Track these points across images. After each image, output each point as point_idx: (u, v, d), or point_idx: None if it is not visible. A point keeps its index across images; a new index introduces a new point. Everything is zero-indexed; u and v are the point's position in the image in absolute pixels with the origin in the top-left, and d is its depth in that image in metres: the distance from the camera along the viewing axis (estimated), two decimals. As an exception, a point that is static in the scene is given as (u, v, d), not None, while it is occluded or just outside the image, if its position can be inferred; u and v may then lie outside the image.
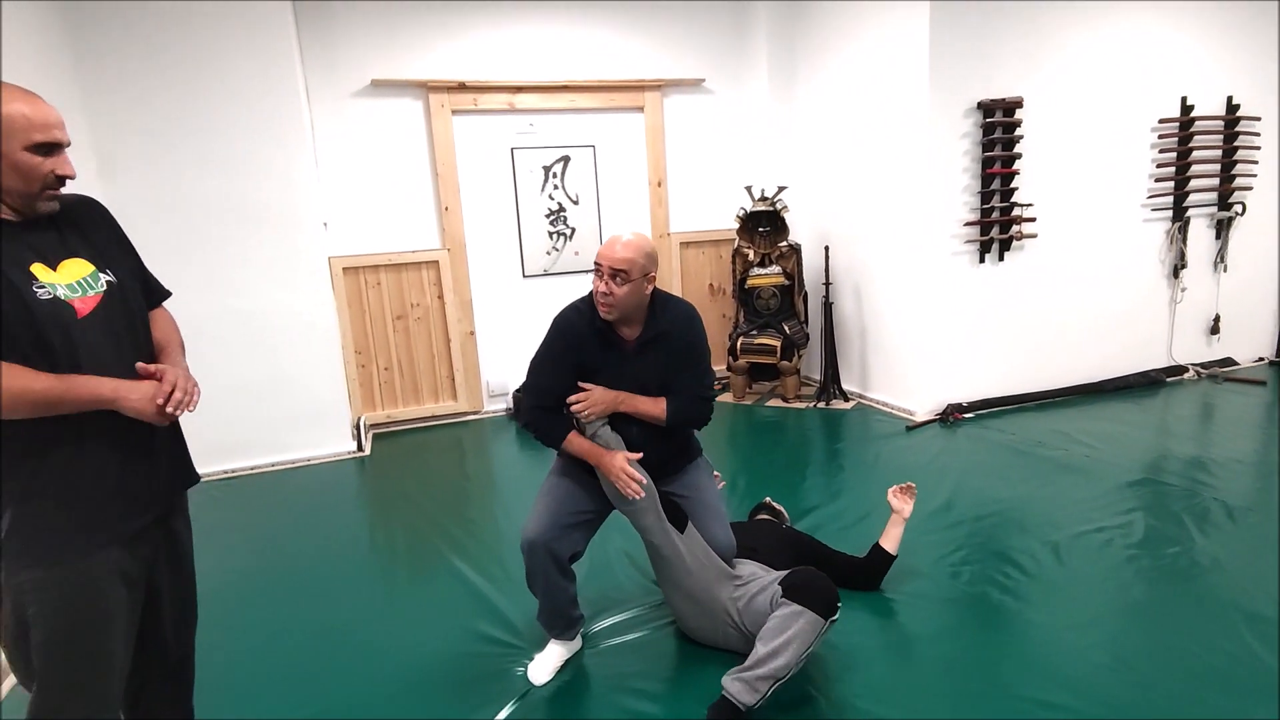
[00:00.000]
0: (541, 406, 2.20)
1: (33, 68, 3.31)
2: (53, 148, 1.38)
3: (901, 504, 2.60)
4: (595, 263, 2.09)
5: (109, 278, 1.48)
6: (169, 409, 1.42)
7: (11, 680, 2.38)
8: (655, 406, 2.20)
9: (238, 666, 2.40)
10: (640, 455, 2.15)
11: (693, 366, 2.25)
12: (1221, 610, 2.39)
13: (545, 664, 2.27)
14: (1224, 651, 2.19)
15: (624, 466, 2.11)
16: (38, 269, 1.37)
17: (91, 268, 1.45)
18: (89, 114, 3.82)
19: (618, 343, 2.18)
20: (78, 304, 1.40)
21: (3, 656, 1.92)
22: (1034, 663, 2.19)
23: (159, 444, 1.53)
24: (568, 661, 2.32)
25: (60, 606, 1.37)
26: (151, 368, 1.47)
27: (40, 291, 1.35)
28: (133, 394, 1.40)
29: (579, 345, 2.16)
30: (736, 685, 1.94)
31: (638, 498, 2.11)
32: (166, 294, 1.69)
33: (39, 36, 3.43)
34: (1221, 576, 2.60)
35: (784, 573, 2.16)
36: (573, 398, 2.15)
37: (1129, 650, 2.22)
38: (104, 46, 3.82)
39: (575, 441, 2.18)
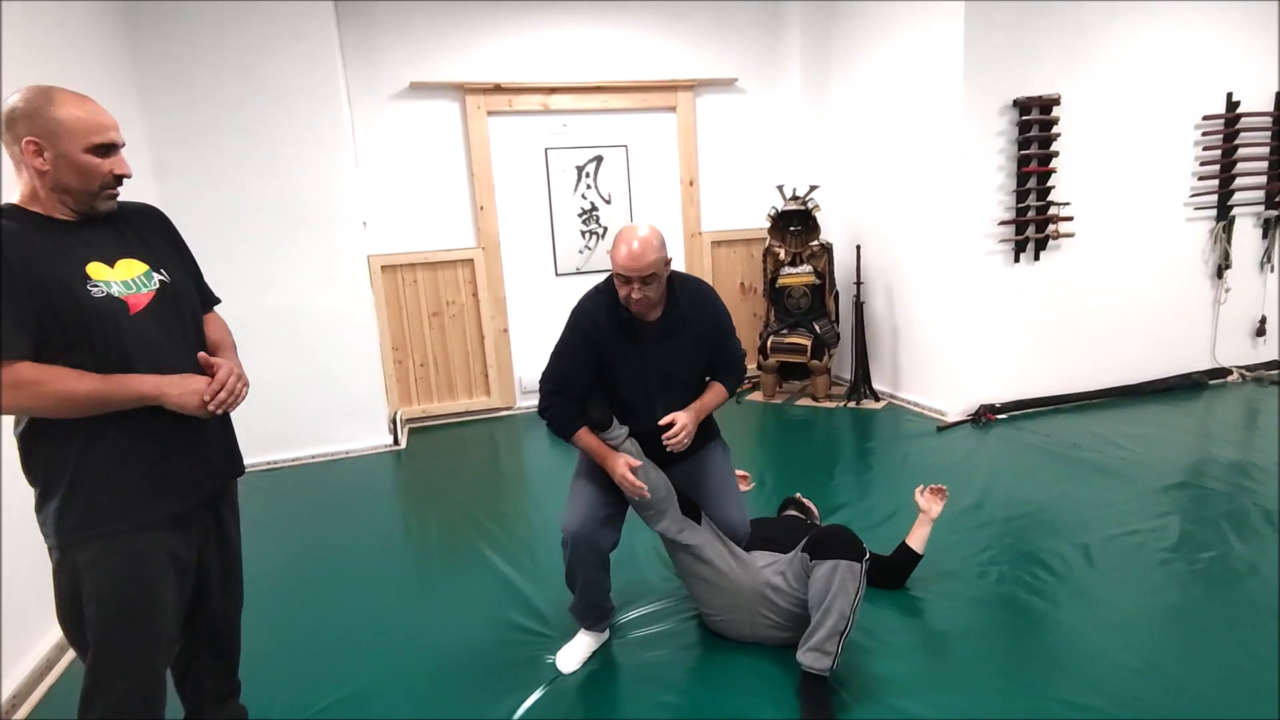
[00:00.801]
0: (559, 393, 2.22)
1: (95, 73, 3.47)
2: (110, 148, 1.46)
3: (929, 504, 2.60)
4: (619, 274, 2.07)
5: (162, 277, 1.56)
6: (212, 407, 1.50)
7: (69, 655, 2.51)
8: (719, 395, 2.32)
9: (279, 647, 2.50)
10: (640, 464, 2.18)
11: (727, 340, 2.33)
12: (1257, 616, 2.36)
13: (574, 653, 2.32)
14: (1258, 657, 2.15)
15: (625, 474, 2.15)
16: (94, 268, 1.45)
17: (145, 267, 1.53)
18: (146, 116, 3.99)
19: (639, 329, 2.19)
20: (130, 300, 1.47)
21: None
22: (1062, 663, 2.18)
23: (210, 432, 1.61)
24: (595, 652, 2.37)
25: (112, 583, 1.45)
26: (213, 361, 1.55)
27: (94, 290, 1.43)
28: (173, 390, 1.46)
29: (598, 336, 2.17)
30: (810, 656, 2.01)
31: (644, 496, 2.17)
32: (217, 300, 1.78)
33: (101, 42, 3.58)
34: (1258, 582, 2.55)
35: (801, 543, 2.20)
36: (667, 436, 2.16)
37: (1160, 653, 2.20)
38: (160, 52, 3.98)
39: (584, 438, 2.21)
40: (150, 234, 1.61)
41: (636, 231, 2.07)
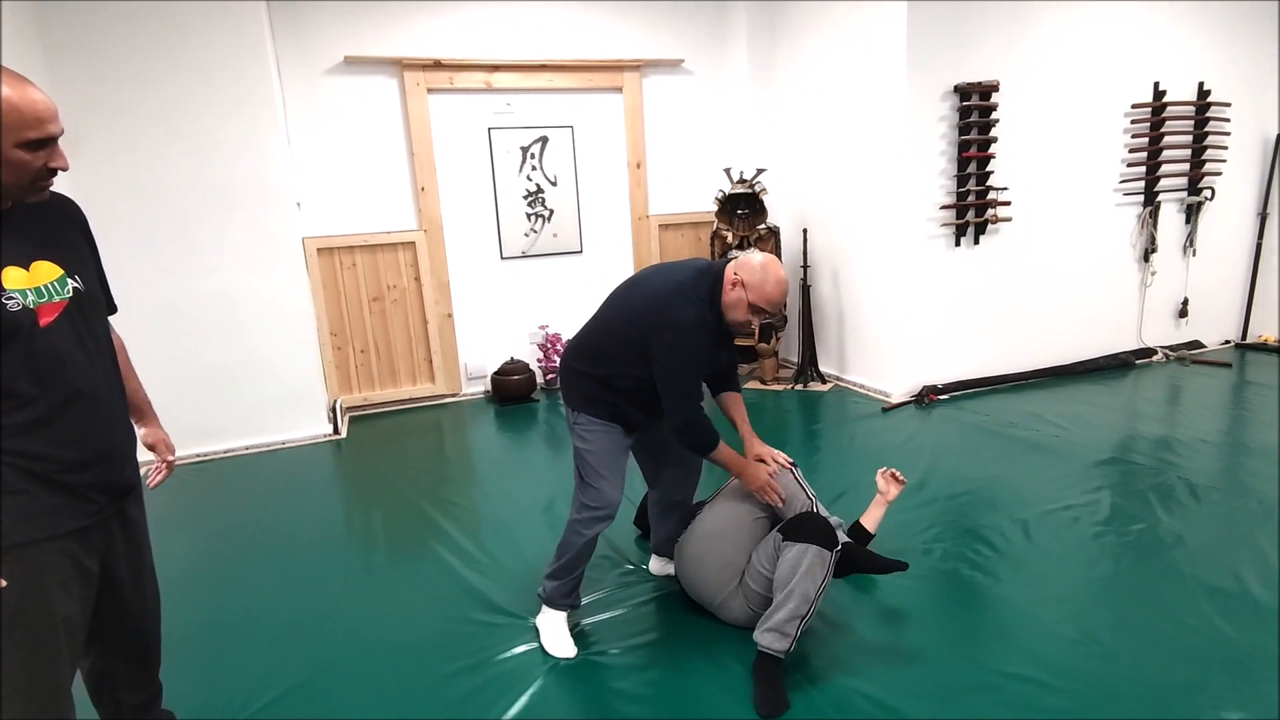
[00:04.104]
0: (699, 407, 2.18)
1: (-8, 40, 3.22)
2: (46, 142, 1.31)
3: (887, 486, 2.64)
4: (763, 309, 2.12)
5: (76, 284, 1.43)
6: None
7: None
8: (741, 406, 2.55)
9: (210, 648, 2.38)
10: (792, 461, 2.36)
11: (734, 341, 2.48)
12: (1184, 585, 2.46)
13: (564, 636, 2.29)
14: (1186, 625, 2.25)
15: (771, 483, 2.27)
16: (10, 274, 1.31)
17: (60, 272, 1.40)
18: (55, 89, 3.71)
19: (723, 332, 2.24)
20: (41, 309, 1.34)
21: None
22: (1002, 637, 2.23)
23: (119, 444, 1.51)
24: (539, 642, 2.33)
25: (2, 595, 1.31)
26: (165, 454, 1.73)
27: (10, 302, 1.30)
28: None
29: (711, 348, 2.20)
30: (768, 636, 2.01)
31: (781, 504, 2.29)
32: (115, 309, 1.64)
33: (3, 10, 3.33)
34: (1184, 552, 2.66)
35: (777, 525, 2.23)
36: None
37: (1094, 624, 2.27)
38: (70, 21, 3.71)
39: (725, 450, 2.25)
40: (68, 231, 1.48)
41: (780, 272, 2.12)
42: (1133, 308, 5.26)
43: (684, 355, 2.11)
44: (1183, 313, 5.40)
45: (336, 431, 4.55)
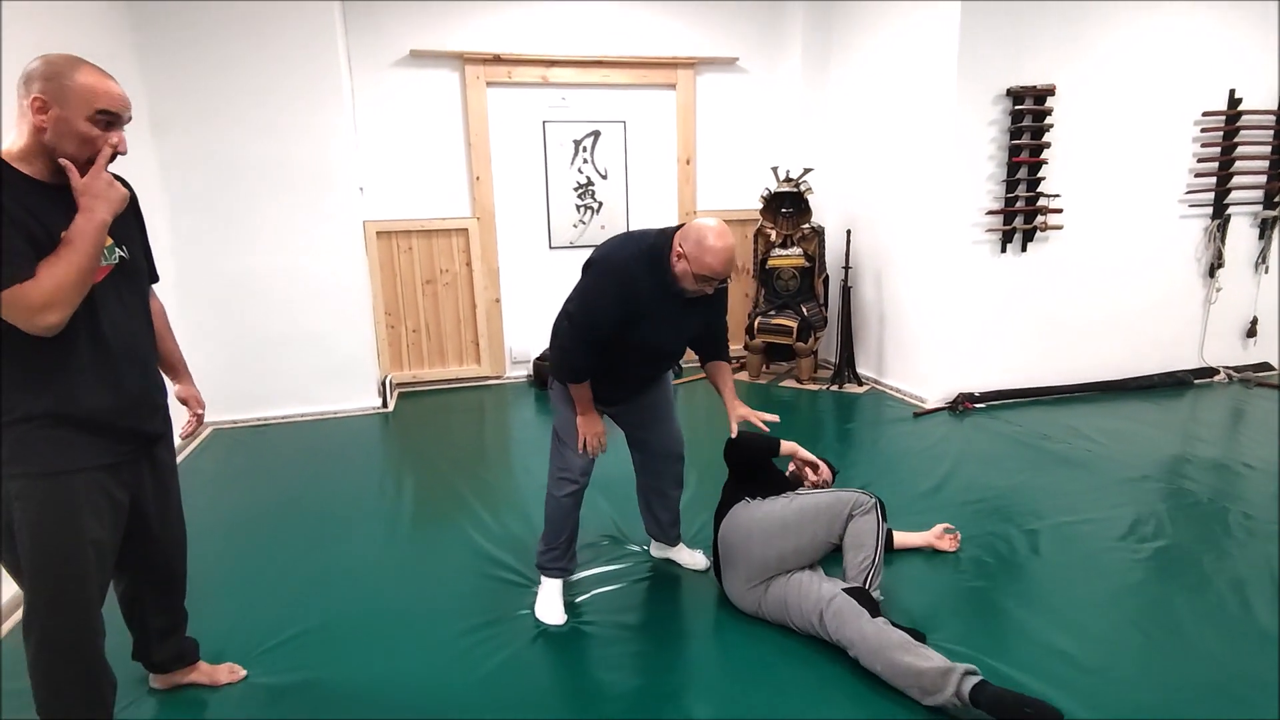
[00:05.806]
0: (588, 341, 2.20)
1: (91, 29, 3.55)
2: (112, 119, 1.49)
3: (939, 542, 2.79)
4: (704, 276, 2.07)
5: (122, 253, 1.63)
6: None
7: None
8: (727, 374, 2.53)
9: (240, 590, 2.63)
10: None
11: (723, 314, 2.50)
12: (1191, 609, 2.40)
13: (555, 604, 2.42)
14: (1179, 636, 2.22)
15: (600, 434, 2.38)
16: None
17: (110, 241, 1.58)
18: (144, 78, 4.07)
19: (674, 295, 2.19)
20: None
21: None
22: (998, 647, 2.21)
23: (149, 397, 1.70)
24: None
25: (40, 518, 1.51)
26: (193, 407, 1.95)
27: None
28: (100, 203, 1.48)
29: (637, 299, 2.16)
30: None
31: (593, 455, 2.41)
32: (157, 278, 1.84)
33: (96, 8, 3.66)
34: (1199, 574, 2.59)
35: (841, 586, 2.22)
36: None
37: (1088, 636, 2.25)
38: (159, 16, 4.05)
39: (583, 389, 2.31)
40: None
41: (726, 238, 2.07)
42: (1195, 325, 5.03)
43: (593, 291, 2.18)
44: (1251, 332, 5.13)
45: (385, 405, 4.81)
